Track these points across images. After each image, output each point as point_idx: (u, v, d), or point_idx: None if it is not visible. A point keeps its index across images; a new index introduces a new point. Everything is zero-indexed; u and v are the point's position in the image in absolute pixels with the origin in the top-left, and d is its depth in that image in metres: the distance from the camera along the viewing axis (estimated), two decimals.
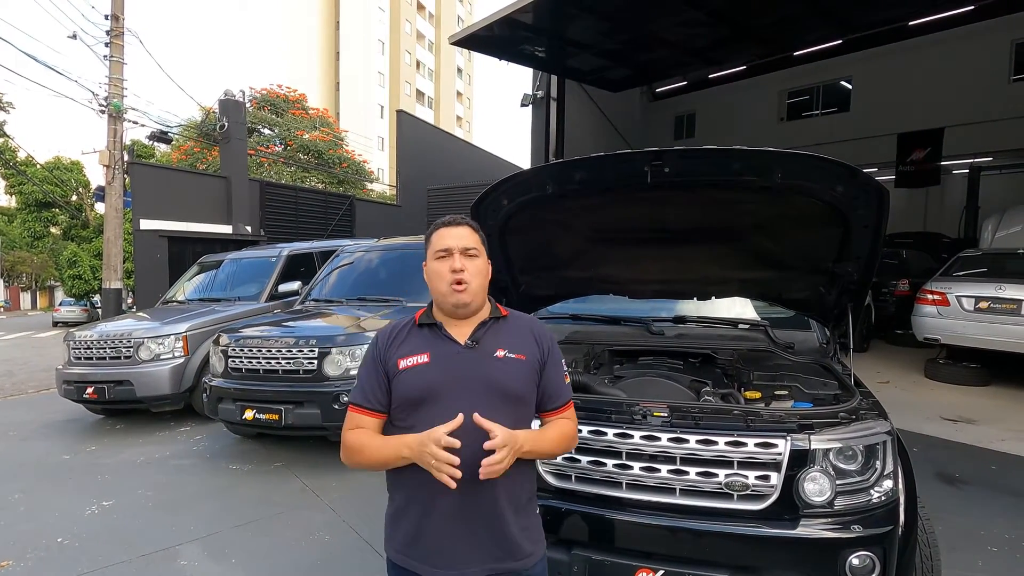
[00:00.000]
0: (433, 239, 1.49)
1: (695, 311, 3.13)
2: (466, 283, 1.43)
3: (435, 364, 1.42)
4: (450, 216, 1.53)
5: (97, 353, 5.71)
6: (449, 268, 1.43)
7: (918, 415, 5.46)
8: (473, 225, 1.52)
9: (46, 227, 30.16)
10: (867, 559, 1.76)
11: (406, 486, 1.44)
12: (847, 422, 1.93)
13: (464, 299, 1.44)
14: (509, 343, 1.47)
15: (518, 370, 1.45)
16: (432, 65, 59.38)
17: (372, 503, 3.82)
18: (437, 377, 1.41)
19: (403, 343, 1.48)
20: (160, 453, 4.99)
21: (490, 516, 1.39)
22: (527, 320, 1.59)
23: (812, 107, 15.02)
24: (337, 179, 27.94)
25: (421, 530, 1.40)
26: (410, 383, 1.41)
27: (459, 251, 1.44)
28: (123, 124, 10.68)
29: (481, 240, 1.51)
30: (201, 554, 3.23)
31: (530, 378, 1.47)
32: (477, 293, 1.46)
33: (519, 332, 1.52)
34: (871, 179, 2.04)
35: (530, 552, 1.45)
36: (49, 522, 3.67)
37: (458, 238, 1.46)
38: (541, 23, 8.84)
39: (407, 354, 1.44)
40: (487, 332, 1.48)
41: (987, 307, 6.30)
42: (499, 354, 1.44)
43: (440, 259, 1.46)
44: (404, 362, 1.43)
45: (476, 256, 1.47)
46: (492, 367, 1.43)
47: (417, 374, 1.42)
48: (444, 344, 1.45)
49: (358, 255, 6.36)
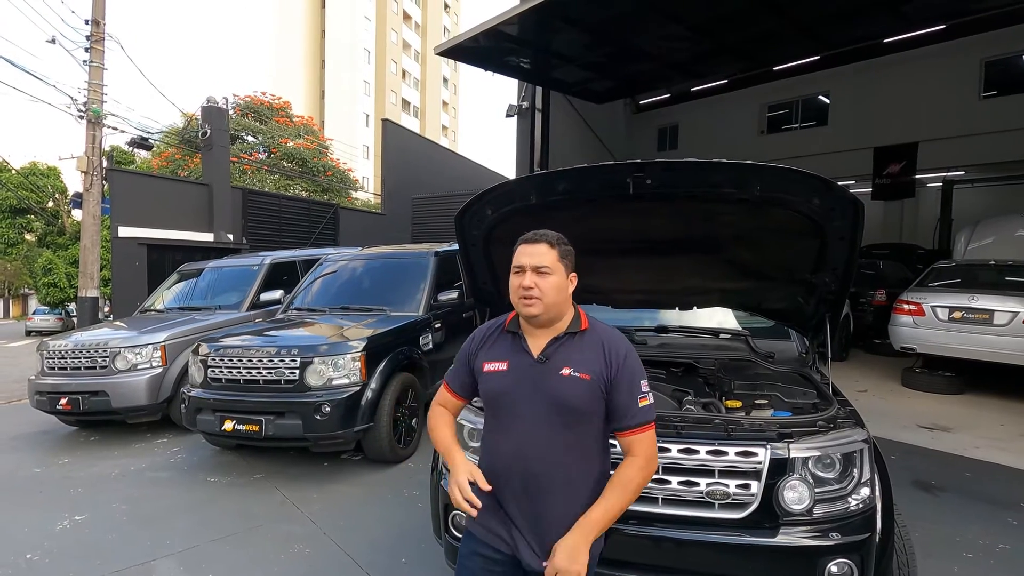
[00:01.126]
0: (515, 254, 1.62)
1: (677, 321, 3.17)
2: (534, 299, 1.53)
3: (511, 373, 1.59)
4: (533, 232, 1.62)
5: (72, 363, 5.57)
6: (519, 284, 1.56)
7: (895, 423, 5.55)
8: (551, 241, 1.59)
9: (20, 234, 29.45)
10: (845, 566, 1.79)
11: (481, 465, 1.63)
12: (825, 431, 1.96)
13: (532, 312, 1.55)
14: (577, 360, 1.55)
15: (581, 389, 1.53)
16: (418, 74, 59.53)
17: (353, 515, 3.78)
18: (511, 386, 1.58)
19: (492, 346, 1.67)
20: (136, 465, 4.88)
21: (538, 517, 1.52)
22: (604, 335, 1.61)
23: (792, 121, 15.33)
24: (321, 187, 27.77)
25: (491, 510, 1.57)
26: (490, 385, 1.62)
27: (531, 268, 1.56)
28: (102, 130, 10.52)
29: (559, 255, 1.59)
30: (177, 569, 3.15)
31: (593, 396, 1.53)
32: (549, 307, 1.56)
33: (591, 348, 1.57)
34: (846, 192, 2.09)
35: None
36: (18, 538, 3.55)
37: (532, 255, 1.57)
38: (526, 35, 8.93)
39: (492, 359, 1.64)
40: (559, 348, 1.58)
41: (960, 317, 6.46)
42: (564, 372, 1.54)
43: (516, 274, 1.59)
44: (488, 366, 1.63)
45: (548, 273, 1.56)
46: (556, 384, 1.53)
47: (496, 380, 1.61)
48: (520, 356, 1.60)
49: (342, 264, 6.32)
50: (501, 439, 1.59)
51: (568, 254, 1.61)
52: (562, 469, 1.51)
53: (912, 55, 12.04)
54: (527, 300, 1.54)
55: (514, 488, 1.54)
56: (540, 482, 1.51)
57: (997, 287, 6.55)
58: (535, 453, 1.52)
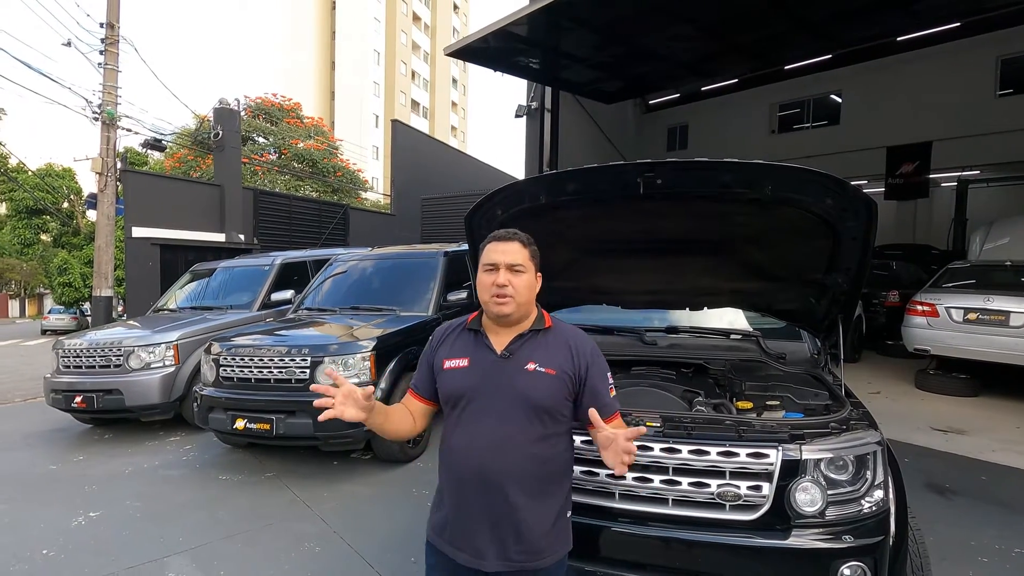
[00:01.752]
0: (485, 251, 1.60)
1: (687, 321, 3.15)
2: (508, 297, 1.52)
3: (472, 369, 1.56)
4: (504, 230, 1.61)
5: (86, 362, 5.64)
6: (493, 282, 1.53)
7: (908, 425, 5.49)
8: (524, 240, 1.59)
9: (36, 234, 29.93)
10: (858, 569, 1.77)
11: (444, 479, 1.60)
12: (838, 432, 1.94)
13: (504, 311, 1.54)
14: (542, 357, 1.55)
15: (546, 384, 1.53)
16: (427, 75, 59.71)
17: (364, 514, 3.79)
18: (472, 382, 1.55)
19: (452, 344, 1.63)
20: (149, 463, 4.94)
21: (506, 516, 1.48)
22: (569, 334, 1.63)
23: (803, 120, 15.20)
24: (331, 188, 27.96)
25: (449, 519, 1.56)
26: (449, 383, 1.58)
27: (505, 266, 1.54)
28: (116, 131, 10.66)
29: (530, 255, 1.59)
30: (189, 566, 3.18)
31: (558, 392, 1.53)
32: (520, 306, 1.56)
33: (556, 346, 1.58)
34: (859, 191, 2.07)
35: (545, 550, 1.51)
36: (34, 534, 3.60)
37: (505, 254, 1.56)
38: (535, 35, 8.93)
39: (451, 356, 1.60)
40: (523, 344, 1.57)
41: (976, 318, 6.37)
42: (529, 367, 1.54)
43: (487, 271, 1.57)
44: (448, 363, 1.59)
45: (522, 272, 1.55)
46: (521, 379, 1.52)
47: (456, 376, 1.57)
48: (483, 352, 1.58)
49: (352, 264, 6.35)
50: (463, 438, 1.54)
51: (536, 254, 1.62)
52: (528, 464, 1.49)
53: (926, 53, 11.90)
54: (500, 299, 1.53)
55: (478, 487, 1.49)
56: (505, 479, 1.47)
57: (1013, 288, 6.45)
58: (500, 450, 1.48)
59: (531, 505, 1.49)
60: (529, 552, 1.49)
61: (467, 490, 1.51)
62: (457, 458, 1.54)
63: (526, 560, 1.49)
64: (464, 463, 1.52)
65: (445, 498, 1.58)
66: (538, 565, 1.50)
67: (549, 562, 1.52)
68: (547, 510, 1.52)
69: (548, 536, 1.52)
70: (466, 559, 1.50)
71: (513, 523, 1.48)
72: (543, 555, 1.51)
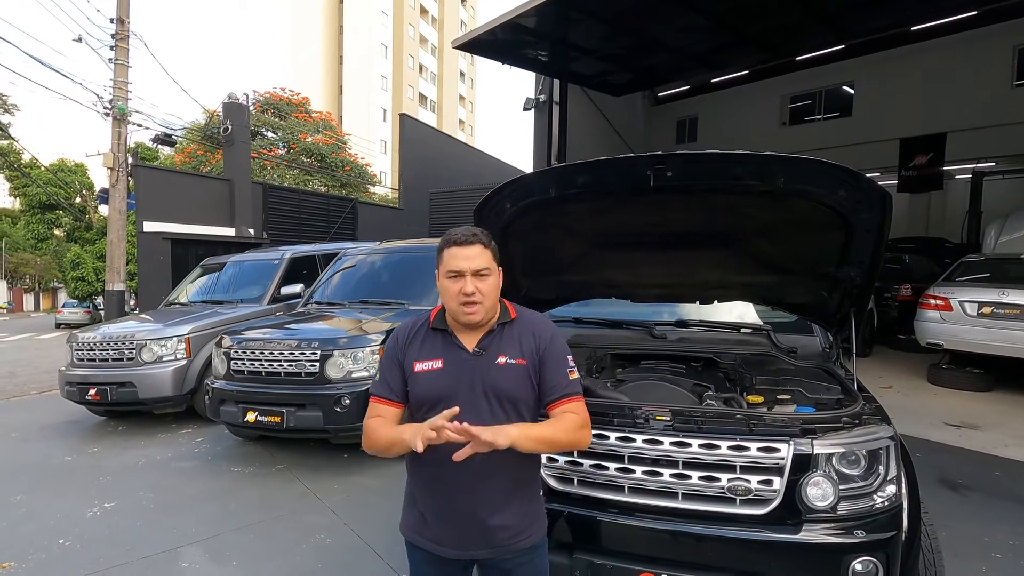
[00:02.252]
0: (444, 257, 1.53)
1: (697, 315, 3.13)
2: (477, 304, 1.49)
3: (447, 370, 1.53)
4: (460, 232, 1.53)
5: (100, 355, 5.72)
6: (460, 290, 1.49)
7: (921, 420, 5.44)
8: (484, 241, 1.54)
9: (50, 229, 30.27)
10: (870, 564, 1.76)
11: (415, 477, 1.59)
12: (850, 427, 1.92)
13: (475, 319, 1.52)
14: (511, 349, 1.54)
15: (517, 375, 1.53)
16: (435, 69, 59.57)
17: (373, 507, 3.82)
18: (448, 382, 1.51)
19: (420, 345, 1.58)
20: (162, 455, 5.00)
21: (479, 507, 1.49)
22: (533, 320, 1.62)
23: (815, 112, 15.02)
24: (340, 182, 28.02)
25: (424, 516, 1.56)
26: (424, 386, 1.53)
27: (470, 273, 1.49)
28: (127, 127, 10.72)
29: (493, 255, 1.55)
30: (202, 556, 3.23)
31: (528, 380, 1.53)
32: (488, 310, 1.53)
33: (523, 335, 1.57)
34: (874, 183, 2.04)
35: (522, 533, 1.54)
36: (50, 524, 3.67)
37: (469, 259, 1.49)
38: (544, 27, 8.87)
39: (423, 358, 1.55)
40: (493, 339, 1.56)
41: (990, 312, 6.29)
42: (500, 361, 1.53)
43: (451, 279, 1.51)
44: (420, 365, 1.54)
45: (487, 275, 1.51)
46: (495, 374, 1.51)
47: (431, 379, 1.53)
48: (455, 351, 1.55)
49: (360, 258, 6.37)
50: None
51: (496, 251, 1.57)
52: (503, 456, 1.42)
53: (941, 43, 11.69)
54: (469, 307, 1.48)
55: (453, 484, 1.49)
56: (480, 473, 1.46)
57: None
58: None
59: (507, 495, 1.51)
60: (507, 537, 1.51)
61: (442, 488, 1.51)
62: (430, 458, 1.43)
63: (506, 540, 1.51)
64: (438, 462, 1.44)
65: (418, 497, 1.57)
66: (519, 546, 1.53)
67: (528, 543, 1.55)
68: (522, 497, 1.56)
69: (524, 520, 1.55)
70: (446, 551, 1.52)
71: (489, 514, 1.49)
72: (521, 537, 1.54)
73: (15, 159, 25.12)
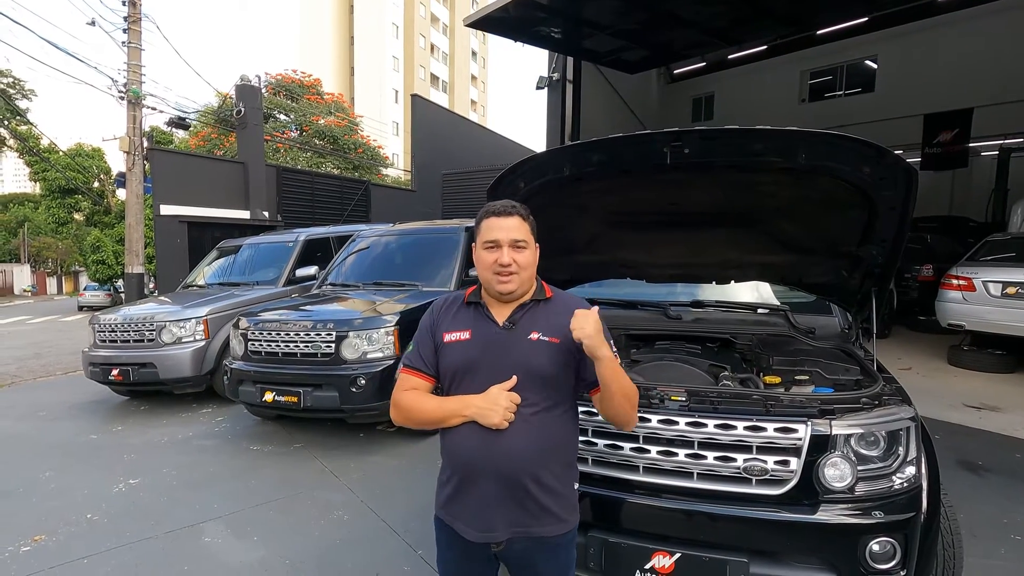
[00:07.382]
0: (483, 227, 1.54)
1: (713, 295, 3.09)
2: (512, 275, 1.49)
3: (474, 342, 1.52)
4: (500, 204, 1.55)
5: (121, 336, 5.83)
6: (496, 260, 1.49)
7: (940, 402, 5.37)
8: (523, 213, 1.54)
9: (70, 213, 30.69)
10: (888, 545, 1.75)
11: (451, 454, 1.53)
12: (869, 408, 1.90)
13: (509, 288, 1.50)
14: (545, 326, 1.52)
15: (549, 353, 1.50)
16: (446, 48, 58.88)
17: (389, 484, 3.88)
18: (475, 354, 1.51)
19: (453, 317, 1.58)
20: (183, 434, 5.11)
21: (516, 486, 1.45)
22: (571, 302, 1.60)
23: (835, 87, 14.62)
24: (352, 164, 28.00)
25: (458, 493, 1.52)
26: (451, 356, 1.53)
27: (508, 243, 1.49)
28: (142, 110, 10.79)
29: (531, 228, 1.55)
30: (224, 531, 3.31)
31: (562, 360, 1.50)
32: (524, 282, 1.52)
33: (559, 315, 1.52)
34: (900, 159, 1.99)
35: (557, 519, 1.50)
36: (78, 499, 3.78)
37: (507, 230, 1.50)
38: (557, 3, 8.69)
39: (452, 329, 1.55)
40: (526, 314, 1.54)
41: (1015, 292, 6.14)
42: (533, 336, 1.51)
43: (488, 249, 1.51)
44: (448, 336, 1.55)
45: (524, 247, 1.51)
46: (524, 348, 1.50)
47: (458, 349, 1.53)
48: (485, 324, 1.54)
49: (374, 240, 6.39)
50: None
51: (534, 226, 1.56)
52: (535, 434, 1.45)
53: (967, 14, 11.28)
54: (504, 277, 1.48)
55: (481, 462, 1.45)
56: (507, 452, 1.43)
57: None
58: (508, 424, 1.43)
59: (536, 475, 1.46)
60: (535, 517, 1.46)
61: (470, 466, 1.47)
62: (458, 435, 1.49)
63: (532, 524, 1.47)
64: (465, 439, 1.47)
65: (451, 474, 1.54)
66: (545, 532, 1.48)
67: (556, 531, 1.49)
68: (552, 479, 1.49)
69: (556, 503, 1.49)
70: (475, 535, 1.47)
71: (518, 494, 1.45)
72: (547, 520, 1.47)
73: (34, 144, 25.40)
